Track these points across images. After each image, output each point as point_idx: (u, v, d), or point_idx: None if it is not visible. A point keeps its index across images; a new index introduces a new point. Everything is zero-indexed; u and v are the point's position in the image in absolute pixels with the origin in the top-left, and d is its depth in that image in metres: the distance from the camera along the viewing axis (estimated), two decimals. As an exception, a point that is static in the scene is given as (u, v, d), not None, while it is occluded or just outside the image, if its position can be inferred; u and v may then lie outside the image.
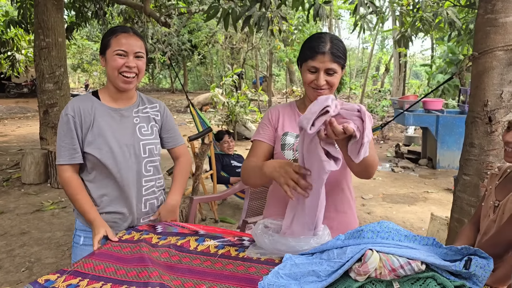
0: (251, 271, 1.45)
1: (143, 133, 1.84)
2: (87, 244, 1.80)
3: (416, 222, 4.63)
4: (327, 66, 1.61)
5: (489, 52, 2.71)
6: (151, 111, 1.91)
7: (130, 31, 1.75)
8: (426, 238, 1.29)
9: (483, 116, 2.74)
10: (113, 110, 1.81)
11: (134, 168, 1.81)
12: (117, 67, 1.72)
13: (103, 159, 1.75)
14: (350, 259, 1.19)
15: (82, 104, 1.77)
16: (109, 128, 1.77)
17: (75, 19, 8.24)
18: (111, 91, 1.82)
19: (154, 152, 1.87)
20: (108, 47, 1.73)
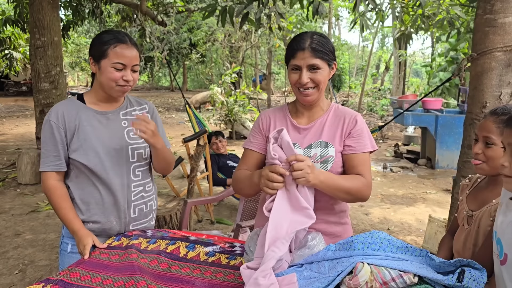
0: (241, 280, 1.41)
1: (131, 137, 1.77)
2: (74, 251, 1.74)
3: (414, 223, 4.59)
4: (308, 62, 1.54)
5: (488, 53, 2.67)
6: (140, 113, 1.84)
7: (127, 41, 1.69)
8: (419, 249, 1.26)
9: (481, 117, 2.69)
10: (99, 114, 1.75)
11: (122, 173, 1.75)
12: (114, 80, 1.66)
13: (90, 164, 1.69)
14: (341, 273, 1.15)
15: (66, 109, 1.71)
16: (95, 132, 1.71)
17: (72, 17, 8.18)
18: (99, 95, 1.76)
19: (143, 156, 1.81)
20: (105, 57, 1.66)
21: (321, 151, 1.61)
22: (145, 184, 1.85)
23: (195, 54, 18.34)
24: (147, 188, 1.86)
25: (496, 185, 1.51)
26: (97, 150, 1.69)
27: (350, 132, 1.62)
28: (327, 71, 1.59)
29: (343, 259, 1.23)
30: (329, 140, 1.62)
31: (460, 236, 1.58)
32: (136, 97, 1.92)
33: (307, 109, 1.67)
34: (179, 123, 12.90)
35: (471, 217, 1.54)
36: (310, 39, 1.56)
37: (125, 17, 9.29)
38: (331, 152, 1.60)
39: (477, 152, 1.50)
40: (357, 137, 1.61)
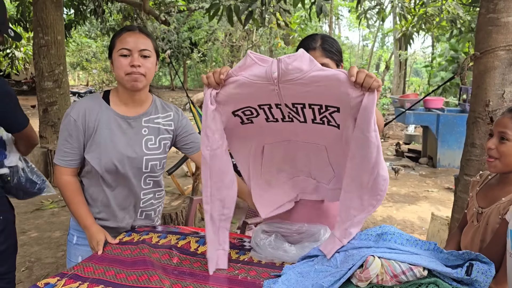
0: (251, 274, 1.44)
1: (149, 147, 1.72)
2: (80, 244, 1.78)
3: (417, 221, 4.63)
4: (320, 61, 1.54)
5: (491, 52, 2.69)
6: (163, 121, 1.77)
7: (136, 29, 1.65)
8: (427, 242, 1.28)
9: (484, 116, 2.72)
10: (121, 118, 1.69)
11: (132, 182, 1.73)
12: (121, 68, 1.61)
13: (101, 170, 1.67)
14: (352, 267, 1.18)
15: (88, 108, 1.66)
16: (112, 137, 1.67)
17: (74, 17, 8.21)
18: (121, 94, 1.70)
19: (157, 168, 1.77)
20: (113, 47, 1.64)
21: None
22: (156, 192, 1.85)
23: (196, 53, 18.35)
24: (157, 195, 1.87)
25: (506, 183, 1.53)
26: (110, 156, 1.66)
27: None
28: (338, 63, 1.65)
29: (353, 253, 1.26)
30: None
31: (468, 232, 1.61)
32: (164, 102, 1.85)
33: None
34: (180, 122, 12.92)
35: (480, 214, 1.56)
36: (321, 39, 1.63)
37: (126, 16, 9.32)
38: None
39: (490, 147, 1.50)
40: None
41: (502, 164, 1.49)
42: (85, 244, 1.74)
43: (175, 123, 1.80)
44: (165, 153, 1.79)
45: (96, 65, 22.02)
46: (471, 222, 1.61)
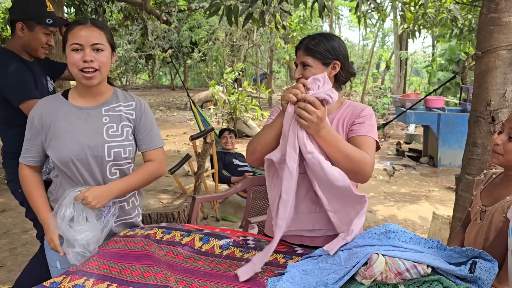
0: (256, 272, 1.45)
1: (110, 134, 1.68)
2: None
3: (418, 221, 4.64)
4: (301, 60, 1.65)
5: (493, 51, 2.70)
6: (125, 110, 1.74)
7: (87, 22, 1.61)
8: (430, 240, 1.30)
9: (486, 115, 2.73)
10: (79, 109, 1.68)
11: (96, 171, 1.68)
12: (74, 63, 1.57)
13: (61, 162, 1.64)
14: (356, 264, 1.19)
15: (46, 105, 1.68)
16: (71, 129, 1.65)
17: (75, 16, 8.21)
18: (79, 88, 1.70)
19: (121, 155, 1.70)
20: (65, 42, 1.59)
21: None
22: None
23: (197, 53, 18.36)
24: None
25: (511, 181, 1.54)
26: (69, 147, 1.63)
27: (354, 121, 1.65)
28: (320, 69, 1.62)
29: (357, 251, 1.27)
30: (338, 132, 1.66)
31: (472, 230, 1.62)
32: (127, 93, 1.82)
33: None
34: (181, 121, 12.93)
35: (484, 213, 1.57)
36: (308, 39, 1.66)
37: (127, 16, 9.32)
38: None
39: (497, 142, 1.51)
40: (363, 123, 1.63)
41: (506, 160, 1.51)
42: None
43: (136, 113, 1.76)
44: (128, 140, 1.72)
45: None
46: (475, 220, 1.62)
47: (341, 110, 1.72)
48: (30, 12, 2.15)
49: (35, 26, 2.14)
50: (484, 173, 1.74)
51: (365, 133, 1.60)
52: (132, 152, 1.75)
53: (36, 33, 2.15)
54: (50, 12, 2.16)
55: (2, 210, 4.83)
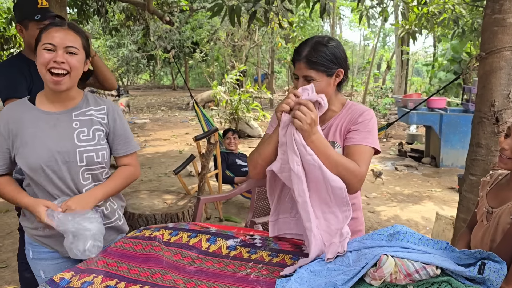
0: (263, 273, 1.46)
1: (81, 139, 1.63)
2: (36, 258, 1.72)
3: (421, 221, 4.64)
4: (304, 74, 1.56)
5: (497, 52, 2.71)
6: (96, 114, 1.69)
7: (65, 25, 1.57)
8: (439, 242, 1.30)
9: (490, 116, 2.73)
10: (47, 115, 1.61)
11: (67, 177, 1.62)
12: (43, 63, 1.52)
13: (31, 169, 1.58)
14: (365, 265, 1.19)
15: (11, 111, 1.61)
16: (39, 135, 1.59)
17: (77, 16, 8.22)
18: (47, 93, 1.62)
19: (94, 160, 1.65)
20: (38, 41, 1.55)
21: None
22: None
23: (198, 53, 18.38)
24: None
25: None
26: (38, 154, 1.57)
27: (350, 128, 1.63)
28: (325, 81, 1.58)
29: (366, 252, 1.27)
30: (336, 140, 1.66)
31: (478, 232, 1.62)
32: (97, 96, 1.77)
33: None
34: (182, 121, 12.94)
35: (490, 214, 1.57)
36: (308, 48, 1.55)
37: (129, 16, 9.33)
38: (339, 152, 1.65)
39: (504, 147, 1.51)
40: (358, 130, 1.61)
41: None
42: (42, 258, 1.71)
43: (109, 117, 1.72)
44: (100, 144, 1.67)
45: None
46: (481, 222, 1.62)
47: (342, 113, 1.70)
48: (23, 12, 2.22)
49: (28, 24, 2.19)
50: (490, 174, 1.74)
51: (359, 141, 1.59)
52: (105, 156, 1.69)
53: (30, 31, 2.19)
54: (41, 8, 2.18)
55: (5, 210, 4.84)
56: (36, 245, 1.70)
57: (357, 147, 1.58)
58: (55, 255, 1.71)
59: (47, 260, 1.70)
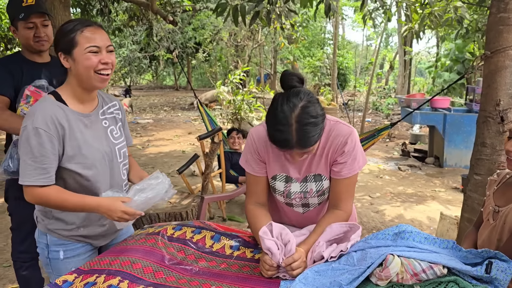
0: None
1: (115, 137, 1.71)
2: (69, 256, 1.70)
3: (425, 221, 4.62)
4: (300, 156, 1.48)
5: (502, 51, 2.69)
6: (114, 110, 1.76)
7: (93, 24, 1.56)
8: (445, 241, 1.29)
9: (495, 115, 2.72)
10: (84, 117, 1.62)
11: (113, 175, 1.69)
12: (92, 66, 1.52)
13: (86, 173, 1.60)
14: (371, 265, 1.18)
15: (54, 115, 1.52)
16: (84, 137, 1.59)
17: (80, 16, 8.24)
18: (77, 93, 1.60)
19: (126, 154, 1.77)
20: (76, 45, 1.51)
21: (316, 186, 1.64)
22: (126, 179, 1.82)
23: (201, 53, 18.39)
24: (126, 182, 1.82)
25: None
26: (93, 157, 1.60)
27: (336, 159, 1.58)
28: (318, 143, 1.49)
29: (371, 251, 1.26)
30: (321, 172, 1.62)
31: (484, 231, 1.61)
32: (104, 93, 1.80)
33: None
34: (185, 121, 12.95)
35: (497, 213, 1.56)
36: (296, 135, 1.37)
37: (132, 16, 9.34)
38: (325, 185, 1.64)
39: (509, 149, 1.52)
40: (345, 163, 1.56)
41: None
42: (76, 255, 1.71)
43: (121, 112, 1.82)
44: (124, 139, 1.79)
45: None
46: (487, 221, 1.61)
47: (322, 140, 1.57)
48: (10, 13, 2.23)
49: (17, 24, 2.20)
50: (497, 173, 1.73)
51: (348, 174, 1.57)
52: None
53: (20, 30, 2.20)
54: (25, 6, 2.17)
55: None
56: (68, 244, 1.70)
57: (346, 181, 1.59)
58: (88, 247, 1.74)
59: (80, 255, 1.71)
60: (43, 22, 2.21)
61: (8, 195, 2.31)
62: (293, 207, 1.72)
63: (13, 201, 2.29)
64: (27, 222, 2.30)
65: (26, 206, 2.24)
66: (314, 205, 1.71)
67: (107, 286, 1.33)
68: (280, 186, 1.66)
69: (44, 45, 2.21)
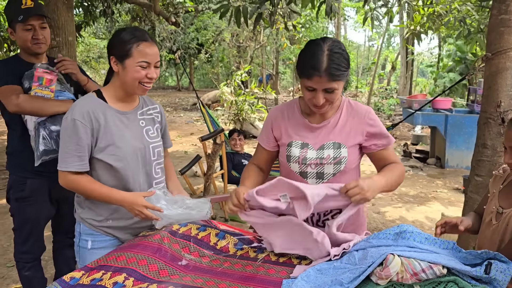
0: (270, 272, 1.47)
1: (150, 136, 1.82)
2: (96, 247, 1.79)
3: (426, 222, 4.63)
4: (325, 86, 1.51)
5: (503, 53, 2.70)
6: (153, 112, 1.89)
7: (148, 39, 1.69)
8: (446, 241, 1.30)
9: (496, 117, 2.73)
10: (121, 114, 1.75)
11: (145, 172, 1.79)
12: (139, 79, 1.67)
13: (117, 165, 1.70)
14: (372, 264, 1.20)
15: (92, 109, 1.68)
16: (119, 133, 1.71)
17: (84, 17, 8.27)
18: (118, 93, 1.76)
19: (161, 154, 1.88)
20: (129, 56, 1.65)
21: (334, 153, 1.64)
22: (163, 180, 1.91)
23: (203, 54, 18.42)
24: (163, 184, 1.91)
25: None
26: (124, 151, 1.71)
27: (371, 132, 1.67)
28: (342, 86, 1.56)
29: (372, 251, 1.28)
30: (341, 141, 1.65)
31: (487, 231, 1.60)
32: (146, 97, 1.94)
33: None
34: (187, 122, 12.98)
35: (500, 214, 1.56)
36: (328, 60, 1.48)
37: (135, 17, 9.38)
38: (343, 153, 1.64)
39: (508, 162, 1.53)
40: (379, 134, 1.68)
41: None
42: (102, 247, 1.77)
43: (161, 115, 1.94)
44: (161, 140, 1.89)
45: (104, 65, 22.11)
46: (490, 221, 1.60)
47: (342, 113, 1.69)
48: (9, 14, 2.26)
49: (15, 26, 2.22)
50: (502, 168, 1.68)
51: (388, 144, 1.69)
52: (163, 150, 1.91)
53: (18, 32, 2.22)
54: (24, 8, 2.19)
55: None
56: (97, 235, 1.79)
57: (387, 150, 1.70)
58: (115, 242, 1.80)
59: (106, 248, 1.76)
60: (41, 24, 2.23)
61: (9, 196, 2.33)
62: (307, 178, 1.67)
63: (14, 202, 2.31)
64: (29, 223, 2.33)
65: (28, 207, 2.29)
66: (328, 175, 1.65)
67: (112, 282, 1.35)
68: (295, 152, 1.67)
69: (41, 47, 2.24)
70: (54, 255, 2.67)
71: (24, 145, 2.21)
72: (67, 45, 5.90)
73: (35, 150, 2.10)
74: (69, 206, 2.46)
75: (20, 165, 2.27)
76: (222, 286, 1.36)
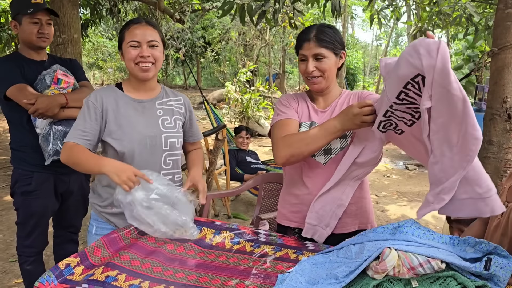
0: (265, 267, 1.45)
1: (165, 126, 1.82)
2: (98, 233, 1.81)
3: (431, 220, 4.58)
4: (314, 52, 1.64)
5: (509, 48, 2.66)
6: (175, 104, 1.89)
7: (142, 21, 1.74)
8: (444, 236, 1.27)
9: (502, 113, 2.69)
10: (136, 102, 1.79)
11: (152, 160, 1.78)
12: (132, 59, 1.71)
13: (122, 149, 1.72)
14: (368, 258, 1.17)
15: (105, 94, 1.76)
16: (131, 119, 1.75)
17: (90, 16, 8.31)
18: (133, 82, 1.81)
19: (176, 145, 1.84)
20: (123, 40, 1.73)
21: None
22: (175, 173, 1.88)
23: (210, 52, 18.43)
24: (176, 178, 1.89)
25: None
26: (132, 137, 1.73)
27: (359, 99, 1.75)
28: (334, 60, 1.67)
29: (369, 245, 1.25)
30: None
31: (492, 223, 1.58)
32: (172, 90, 1.96)
33: (321, 95, 1.79)
34: (193, 120, 12.98)
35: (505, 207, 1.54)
36: (316, 30, 1.66)
37: (141, 16, 9.40)
38: None
39: None
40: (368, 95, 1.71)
41: None
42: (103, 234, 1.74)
43: (185, 107, 1.93)
44: (179, 132, 1.87)
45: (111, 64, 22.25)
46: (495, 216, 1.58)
47: (341, 98, 1.79)
48: (16, 7, 2.26)
49: (22, 19, 2.23)
50: None
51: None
52: (181, 143, 1.89)
53: (24, 25, 2.24)
54: (34, 3, 2.22)
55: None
56: (101, 221, 1.83)
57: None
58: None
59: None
60: (48, 21, 2.29)
61: (14, 190, 2.33)
62: (314, 156, 1.69)
63: (19, 196, 2.32)
64: (34, 216, 2.33)
65: (33, 200, 2.29)
66: (336, 150, 1.67)
67: (104, 276, 1.34)
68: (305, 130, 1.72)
69: (45, 41, 2.29)
70: (55, 250, 2.66)
71: (29, 140, 2.23)
72: (72, 43, 5.92)
73: (45, 148, 2.15)
74: (73, 200, 2.48)
75: (25, 159, 2.28)
76: (216, 281, 1.35)
